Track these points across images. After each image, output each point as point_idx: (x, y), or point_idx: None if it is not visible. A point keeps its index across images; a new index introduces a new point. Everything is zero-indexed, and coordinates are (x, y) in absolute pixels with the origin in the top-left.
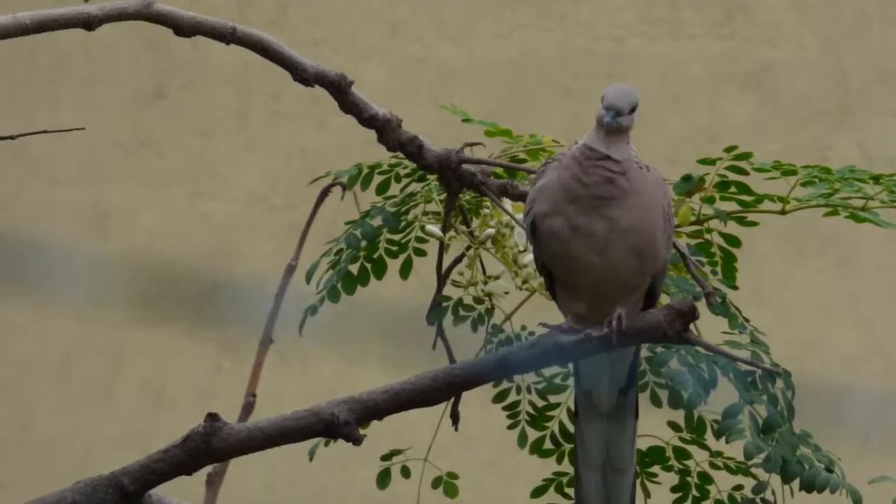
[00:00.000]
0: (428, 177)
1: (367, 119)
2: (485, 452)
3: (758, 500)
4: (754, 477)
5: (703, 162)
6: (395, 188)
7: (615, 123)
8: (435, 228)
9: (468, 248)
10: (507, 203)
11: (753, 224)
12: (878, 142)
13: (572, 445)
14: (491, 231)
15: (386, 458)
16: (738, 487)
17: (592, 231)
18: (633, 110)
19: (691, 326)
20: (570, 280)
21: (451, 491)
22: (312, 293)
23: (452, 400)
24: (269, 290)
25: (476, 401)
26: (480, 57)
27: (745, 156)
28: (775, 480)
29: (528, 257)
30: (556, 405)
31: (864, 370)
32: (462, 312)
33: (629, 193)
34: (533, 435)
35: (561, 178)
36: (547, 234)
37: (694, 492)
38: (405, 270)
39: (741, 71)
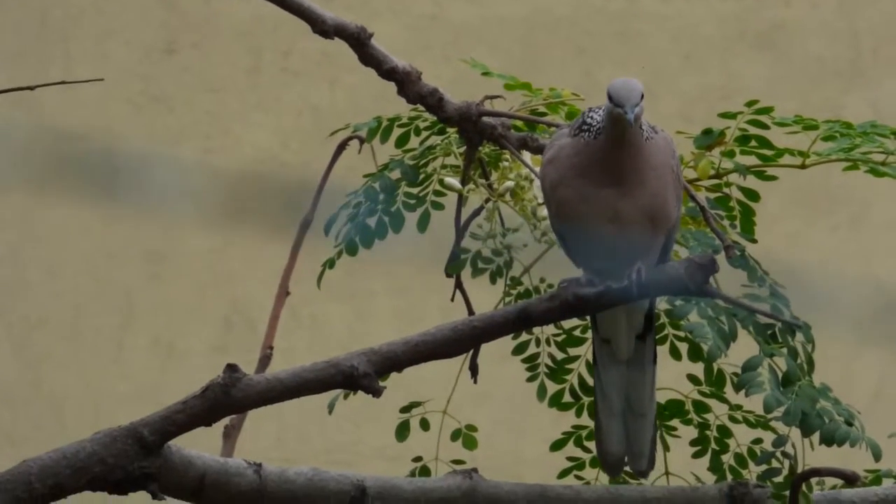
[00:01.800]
0: (447, 130)
1: (387, 71)
2: (497, 409)
3: (778, 453)
4: (774, 431)
5: (724, 116)
6: (414, 141)
7: (633, 118)
8: (454, 181)
9: (487, 200)
10: (527, 156)
11: (773, 178)
12: (890, 101)
13: (591, 400)
14: (510, 184)
15: (405, 410)
16: (758, 441)
17: (604, 201)
18: (641, 96)
19: (711, 279)
20: (585, 244)
21: (471, 443)
22: (326, 248)
23: (471, 353)
24: (282, 245)
25: (489, 357)
26: (493, 14)
27: (766, 110)
28: (795, 434)
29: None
30: (576, 358)
31: (876, 328)
32: (481, 265)
33: (637, 159)
34: (552, 388)
35: (571, 159)
36: (558, 203)
37: (713, 445)
38: (422, 224)
39: (753, 30)
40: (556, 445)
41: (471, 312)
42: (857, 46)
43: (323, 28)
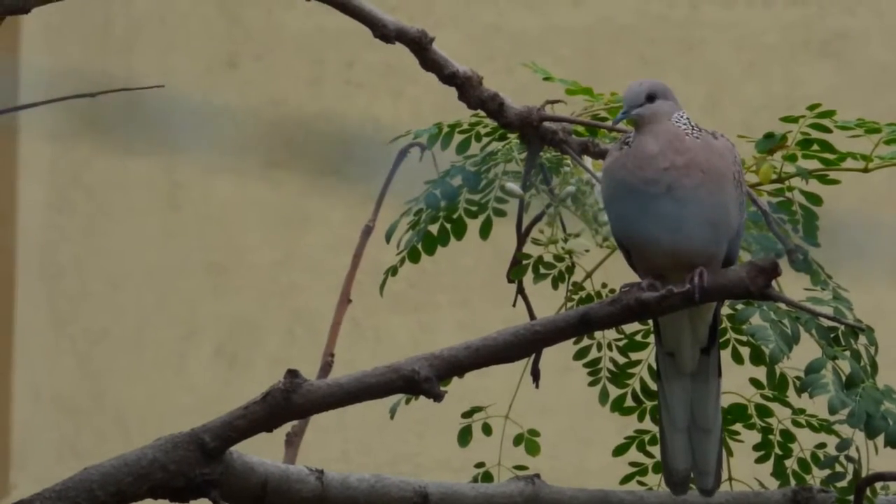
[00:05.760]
0: (508, 135)
1: (448, 76)
2: (560, 419)
3: (842, 457)
4: (837, 434)
5: (786, 120)
6: (475, 148)
7: (624, 119)
8: (515, 186)
9: (548, 206)
10: (588, 161)
11: (836, 182)
12: None
13: (655, 404)
14: (571, 189)
15: (467, 415)
16: (822, 445)
17: (660, 214)
18: (651, 98)
19: (773, 283)
20: (646, 256)
21: (533, 448)
22: (389, 258)
23: (532, 360)
24: (345, 255)
25: (551, 368)
26: (555, 24)
27: (828, 114)
28: (859, 439)
29: None
30: (638, 362)
31: None
32: (542, 270)
33: (691, 167)
34: (614, 392)
35: (618, 173)
36: (615, 217)
37: (777, 450)
38: (485, 230)
39: (817, 38)
40: (619, 451)
41: (532, 318)
42: None
43: (384, 32)
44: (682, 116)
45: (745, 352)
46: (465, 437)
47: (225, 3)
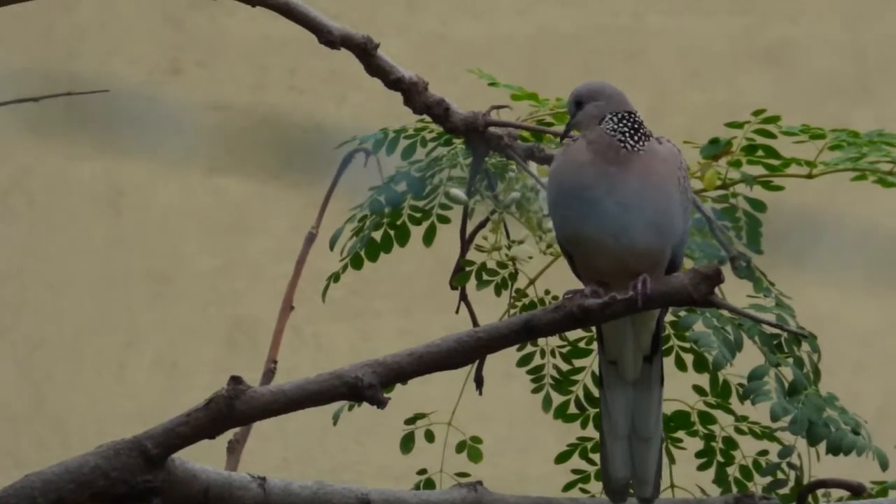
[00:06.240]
0: (454, 141)
1: (393, 82)
2: (501, 427)
3: (784, 464)
4: (780, 442)
5: (731, 125)
6: (420, 153)
7: (568, 132)
8: (459, 192)
9: (492, 212)
10: (533, 166)
11: (780, 188)
12: None
13: (597, 411)
14: (516, 195)
15: (409, 422)
16: (764, 453)
17: (603, 217)
18: (579, 104)
19: (716, 290)
20: (590, 261)
21: (476, 455)
22: (331, 265)
23: (475, 367)
24: (288, 263)
25: (492, 376)
26: (499, 33)
27: (773, 119)
28: (801, 446)
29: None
30: (581, 369)
31: (882, 346)
32: (486, 277)
33: (632, 171)
34: (557, 399)
35: (562, 176)
36: (560, 221)
37: (719, 457)
38: (429, 237)
39: (760, 47)
40: (562, 458)
41: (475, 324)
42: (864, 62)
43: (329, 38)
44: (619, 118)
45: (688, 359)
46: (407, 443)
47: (168, 10)
